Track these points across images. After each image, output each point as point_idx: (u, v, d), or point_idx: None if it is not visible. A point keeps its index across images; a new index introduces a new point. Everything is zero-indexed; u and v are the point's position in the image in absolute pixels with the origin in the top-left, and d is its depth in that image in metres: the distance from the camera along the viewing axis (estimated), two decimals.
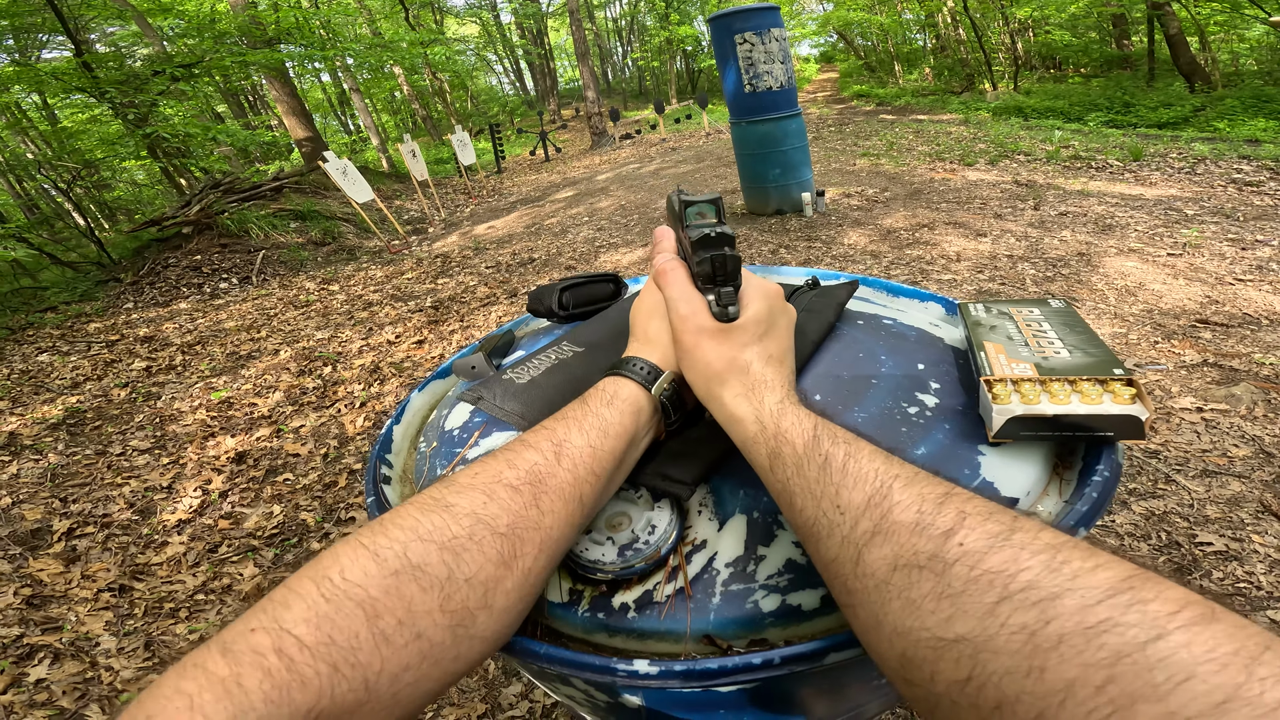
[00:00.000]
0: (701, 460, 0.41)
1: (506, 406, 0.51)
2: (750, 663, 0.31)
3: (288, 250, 5.68)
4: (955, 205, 4.06)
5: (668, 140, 11.20)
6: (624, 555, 0.37)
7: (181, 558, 1.83)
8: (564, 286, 0.65)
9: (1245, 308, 2.34)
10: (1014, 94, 11.05)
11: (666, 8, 18.11)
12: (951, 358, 0.52)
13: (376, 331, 3.38)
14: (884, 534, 0.27)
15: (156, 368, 3.34)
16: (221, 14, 9.45)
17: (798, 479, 0.31)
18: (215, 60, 7.42)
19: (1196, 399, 1.82)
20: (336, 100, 20.16)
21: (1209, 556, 1.33)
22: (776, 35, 3.72)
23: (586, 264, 4.00)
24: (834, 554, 0.28)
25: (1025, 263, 2.97)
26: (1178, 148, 5.20)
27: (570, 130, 16.39)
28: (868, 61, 19.39)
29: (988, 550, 0.24)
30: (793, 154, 4.00)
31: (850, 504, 0.28)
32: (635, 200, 5.88)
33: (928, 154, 5.97)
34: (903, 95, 13.31)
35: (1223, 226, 3.22)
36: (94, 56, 7.16)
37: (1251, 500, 1.46)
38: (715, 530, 0.39)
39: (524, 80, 24.50)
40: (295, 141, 10.10)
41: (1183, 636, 0.19)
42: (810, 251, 3.46)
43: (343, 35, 12.08)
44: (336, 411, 2.58)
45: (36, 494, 2.18)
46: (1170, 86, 9.64)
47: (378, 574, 0.27)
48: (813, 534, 0.30)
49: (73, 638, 1.53)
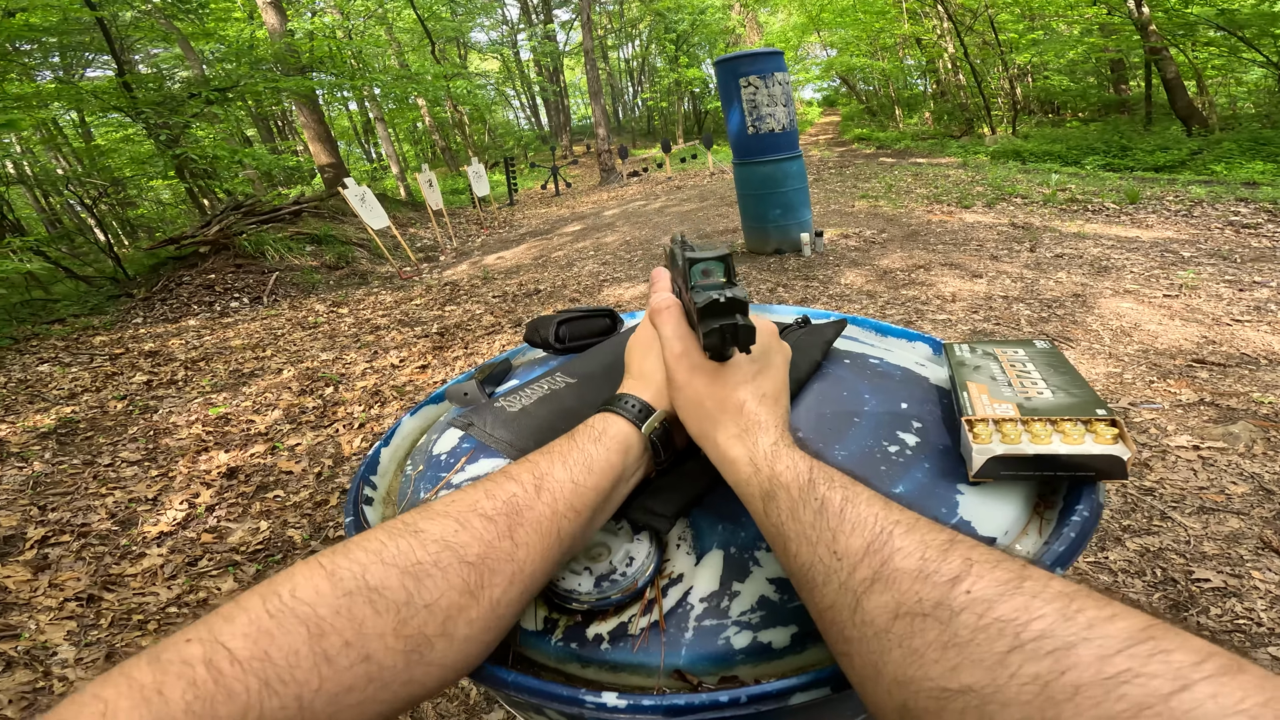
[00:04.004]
0: (683, 495, 0.41)
1: (495, 434, 0.51)
2: (717, 700, 0.30)
3: (301, 273, 5.77)
4: (951, 247, 4.12)
5: (673, 179, 11.43)
6: (600, 586, 0.37)
7: (158, 570, 1.81)
8: (561, 320, 0.67)
9: (1243, 348, 2.34)
10: (1012, 138, 11.25)
11: (677, 50, 18.81)
12: (936, 397, 0.53)
13: (381, 355, 3.40)
14: (884, 581, 0.26)
15: (157, 382, 3.35)
16: (260, 40, 9.83)
17: (792, 523, 0.31)
18: (249, 85, 7.69)
19: (1193, 437, 1.81)
20: (361, 128, 20.80)
21: (1206, 593, 1.31)
22: (780, 79, 3.85)
23: (590, 296, 4.04)
24: (830, 600, 0.28)
25: (1020, 303, 2.99)
26: (1174, 190, 5.27)
27: (581, 166, 16.82)
28: (869, 106, 19.94)
29: (997, 598, 0.23)
30: (793, 195, 4.09)
31: (848, 550, 0.28)
32: (640, 236, 5.99)
33: (926, 196, 6.07)
34: (902, 139, 13.62)
35: (1220, 268, 3.24)
36: (134, 77, 7.43)
37: (1251, 537, 1.43)
38: (693, 564, 0.39)
39: (539, 115, 25.30)
40: (319, 167, 10.37)
41: (1209, 688, 0.18)
42: (807, 290, 3.49)
43: (372, 66, 12.56)
44: (334, 431, 2.57)
45: (14, 501, 2.15)
46: (1168, 130, 9.74)
47: (330, 594, 0.27)
48: (808, 580, 0.29)
49: (29, 646, 1.50)
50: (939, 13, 13.34)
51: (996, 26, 11.95)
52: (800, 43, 18.38)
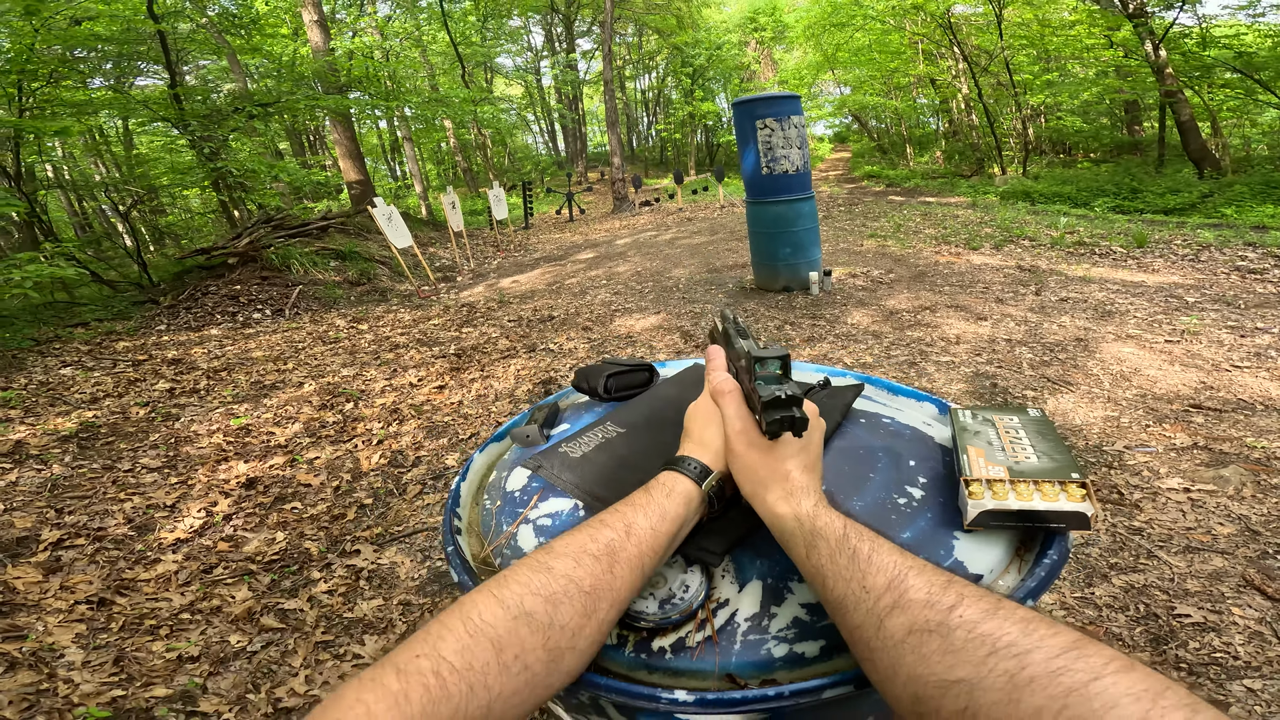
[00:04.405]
0: (729, 537, 0.51)
1: (564, 477, 0.61)
2: (765, 695, 0.40)
3: (324, 287, 5.92)
4: (958, 289, 4.21)
5: (684, 210, 11.62)
6: (663, 608, 0.46)
7: (173, 576, 1.82)
8: (610, 373, 0.77)
9: (1240, 393, 2.40)
10: (1022, 179, 11.34)
11: (693, 84, 19.38)
12: (939, 455, 0.62)
13: (400, 373, 3.49)
14: (901, 608, 0.36)
15: (180, 390, 3.41)
16: (303, 58, 10.19)
17: (830, 565, 0.40)
18: (291, 102, 8.00)
19: (1184, 480, 1.87)
20: (389, 146, 21.36)
21: (1186, 628, 1.36)
22: (796, 122, 4.01)
23: (603, 326, 4.12)
24: (859, 622, 0.38)
25: (1023, 346, 3.06)
26: (1183, 234, 5.32)
27: (595, 193, 17.18)
28: (880, 143, 20.26)
29: (980, 620, 0.34)
30: (804, 234, 4.21)
31: (874, 586, 0.38)
32: (651, 268, 6.10)
33: (934, 237, 6.19)
34: (912, 177, 13.82)
35: (1223, 314, 3.30)
36: (184, 90, 7.60)
37: (1234, 575, 1.49)
38: (736, 591, 0.49)
39: (556, 141, 25.95)
40: (347, 183, 10.61)
41: (1112, 679, 0.29)
42: (814, 329, 3.58)
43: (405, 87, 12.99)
44: (353, 446, 2.63)
45: (31, 503, 2.16)
46: (1179, 173, 9.80)
47: (503, 617, 0.36)
48: (841, 607, 0.39)
49: (35, 648, 1.49)
50: (955, 54, 13.61)
51: (1012, 68, 12.14)
52: (814, 80, 18.85)
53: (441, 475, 2.37)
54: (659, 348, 3.53)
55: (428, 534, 2.02)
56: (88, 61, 8.18)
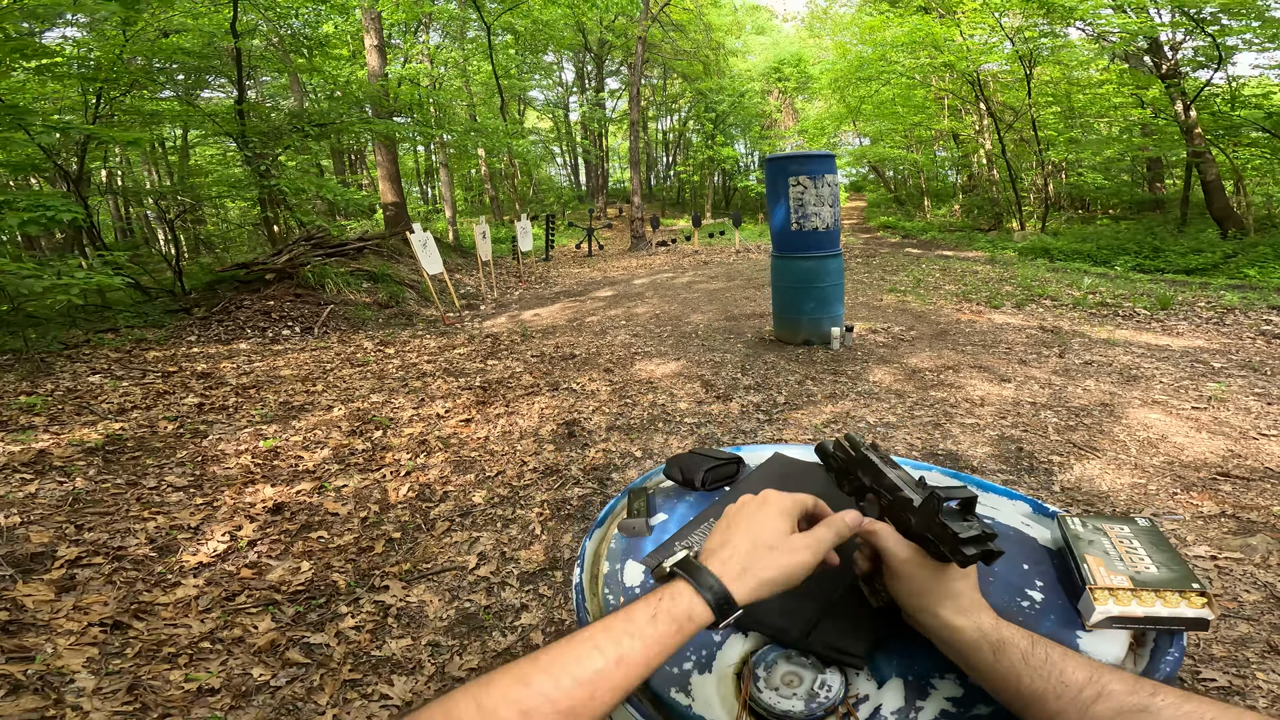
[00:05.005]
0: (865, 639, 0.54)
1: None
2: None
3: (354, 308, 6.01)
4: (980, 348, 4.22)
5: (700, 252, 11.81)
6: (809, 706, 0.48)
7: (193, 601, 1.77)
8: (709, 467, 0.82)
9: (1268, 462, 2.39)
10: (1041, 235, 11.37)
11: (714, 129, 19.99)
12: (1048, 559, 0.65)
13: (428, 403, 3.51)
14: (1105, 696, 0.42)
15: (209, 405, 3.39)
16: (359, 81, 10.65)
17: (1024, 666, 0.46)
18: (345, 123, 8.34)
19: (1211, 547, 1.88)
20: (424, 170, 22.05)
21: (1211, 691, 1.38)
22: (829, 181, 4.11)
23: (624, 369, 4.14)
24: (1060, 709, 0.43)
25: (1048, 410, 3.04)
26: (1206, 296, 5.33)
27: (613, 229, 17.57)
28: (897, 194, 20.58)
29: (1180, 702, 0.40)
30: (829, 290, 4.26)
31: (1074, 681, 0.44)
32: (669, 311, 6.15)
33: (954, 293, 6.25)
34: (929, 229, 13.95)
35: (1250, 380, 3.29)
36: (250, 106, 7.92)
37: (1259, 641, 1.51)
38: (875, 688, 0.51)
39: (579, 175, 26.71)
40: (383, 204, 10.90)
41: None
42: (836, 385, 3.57)
43: (448, 114, 13.50)
44: (381, 476, 2.63)
45: (50, 517, 2.10)
46: (1202, 232, 9.79)
47: None
48: (1040, 698, 0.45)
49: (42, 671, 1.42)
50: (980, 110, 13.85)
51: (1038, 125, 12.32)
52: (835, 130, 19.33)
53: (469, 513, 2.37)
54: (679, 395, 3.53)
55: (456, 573, 2.01)
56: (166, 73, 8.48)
